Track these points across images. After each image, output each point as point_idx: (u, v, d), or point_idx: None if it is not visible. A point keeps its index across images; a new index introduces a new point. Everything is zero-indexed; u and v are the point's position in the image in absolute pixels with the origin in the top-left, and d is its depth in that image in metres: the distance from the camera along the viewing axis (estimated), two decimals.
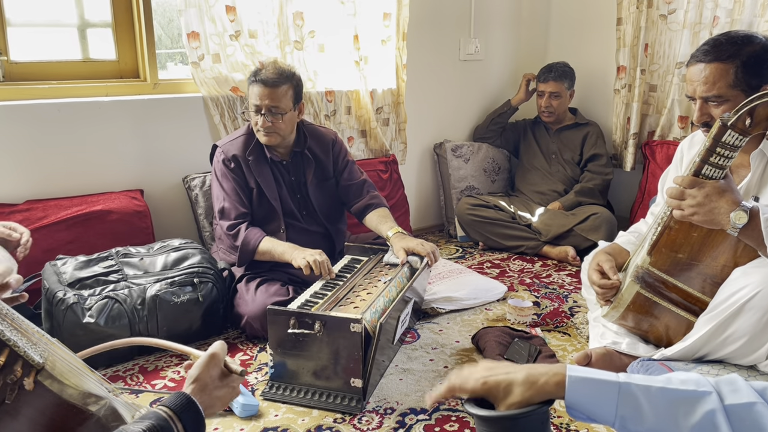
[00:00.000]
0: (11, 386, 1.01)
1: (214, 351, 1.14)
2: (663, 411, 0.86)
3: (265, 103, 2.28)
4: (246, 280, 2.33)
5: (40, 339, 1.11)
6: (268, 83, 2.27)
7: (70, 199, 2.47)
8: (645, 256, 1.68)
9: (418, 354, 2.15)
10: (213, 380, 1.12)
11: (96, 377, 1.19)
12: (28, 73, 2.47)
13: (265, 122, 2.29)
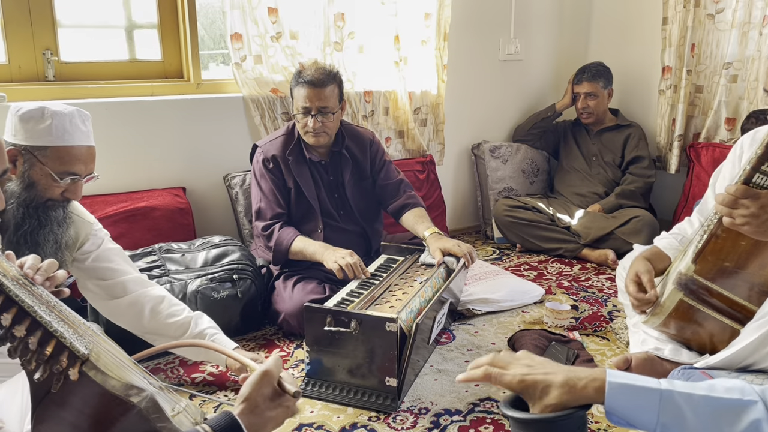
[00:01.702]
0: (57, 376, 1.04)
1: (267, 368, 1.06)
2: (706, 419, 0.84)
3: (315, 104, 2.30)
4: (283, 278, 2.36)
5: (85, 331, 1.14)
6: (316, 84, 2.29)
7: (116, 195, 2.54)
8: (689, 264, 1.64)
9: (454, 355, 2.14)
10: (264, 400, 1.04)
11: (138, 370, 1.22)
12: (78, 73, 2.55)
13: (315, 123, 2.31)
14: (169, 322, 1.85)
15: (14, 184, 1.59)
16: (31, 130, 1.59)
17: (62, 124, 1.60)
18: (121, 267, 1.86)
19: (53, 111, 1.60)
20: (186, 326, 1.86)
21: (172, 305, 1.89)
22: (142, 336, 1.87)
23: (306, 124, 2.33)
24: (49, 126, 1.59)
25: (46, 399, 1.06)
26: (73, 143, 1.62)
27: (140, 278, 1.90)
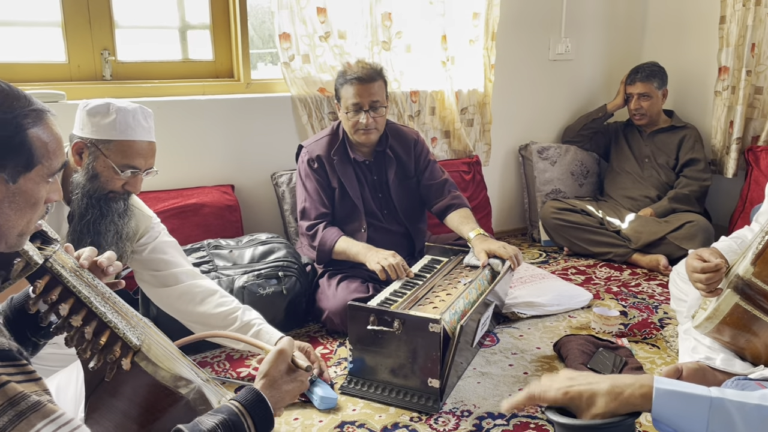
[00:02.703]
0: (110, 365, 1.08)
1: (281, 347, 1.19)
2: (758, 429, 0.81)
3: (366, 100, 2.32)
4: (328, 276, 2.38)
5: (138, 322, 1.18)
6: (365, 79, 2.32)
7: (167, 192, 2.61)
8: (748, 266, 1.57)
9: (497, 358, 2.12)
10: (281, 375, 1.17)
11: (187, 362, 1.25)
12: (133, 73, 2.63)
13: (369, 119, 2.34)
14: (217, 312, 1.89)
15: (79, 176, 1.68)
16: (97, 124, 1.67)
17: (126, 120, 1.68)
18: (175, 259, 1.92)
19: (118, 107, 1.68)
20: (233, 317, 1.90)
21: (222, 296, 1.93)
22: (188, 324, 1.92)
23: (358, 122, 2.35)
24: (114, 121, 1.66)
25: (99, 388, 1.10)
26: (135, 138, 1.69)
27: (192, 271, 1.95)
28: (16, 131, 0.93)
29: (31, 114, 0.96)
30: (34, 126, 0.96)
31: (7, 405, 0.83)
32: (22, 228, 0.98)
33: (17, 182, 0.95)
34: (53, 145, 0.99)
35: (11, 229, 0.97)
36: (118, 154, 1.67)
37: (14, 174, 0.94)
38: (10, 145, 0.92)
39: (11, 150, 0.93)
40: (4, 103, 0.93)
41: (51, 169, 0.99)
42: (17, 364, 0.87)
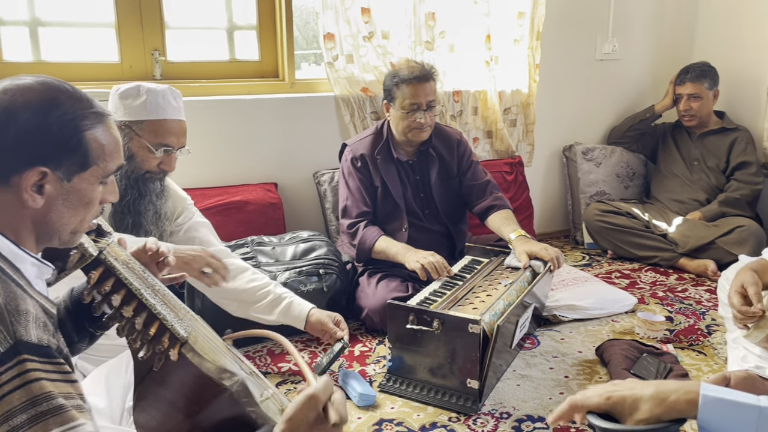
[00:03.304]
0: (159, 356, 1.11)
1: (313, 392, 1.03)
2: None
3: (424, 100, 2.35)
4: (368, 274, 2.39)
5: (185, 315, 1.21)
6: (423, 79, 2.35)
7: (213, 189, 2.67)
8: None
9: (538, 361, 2.10)
10: (307, 424, 1.02)
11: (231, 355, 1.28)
12: (182, 72, 2.70)
13: (426, 118, 2.37)
14: (249, 287, 1.94)
15: None
16: (129, 106, 1.75)
17: (156, 100, 1.75)
18: (208, 238, 1.99)
19: (148, 88, 1.76)
20: (265, 291, 1.94)
21: (253, 273, 1.99)
22: (220, 302, 1.98)
23: (414, 121, 2.36)
24: (145, 101, 1.74)
25: (147, 377, 1.14)
26: (165, 117, 1.77)
27: (225, 250, 2.01)
28: (73, 132, 0.96)
29: (91, 116, 0.99)
30: (92, 128, 0.98)
31: (29, 403, 0.83)
32: (75, 226, 1.02)
33: (71, 181, 0.98)
34: (110, 147, 1.02)
35: (65, 227, 1.00)
36: (151, 133, 1.75)
37: (69, 173, 0.97)
38: (67, 145, 0.96)
39: (67, 150, 0.96)
40: (65, 104, 0.96)
41: (107, 171, 1.02)
42: (54, 362, 0.88)
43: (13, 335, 0.85)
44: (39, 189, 0.95)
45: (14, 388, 0.83)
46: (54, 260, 1.07)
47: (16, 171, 0.93)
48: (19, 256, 0.96)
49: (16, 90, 0.94)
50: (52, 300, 1.02)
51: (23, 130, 0.92)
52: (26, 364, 0.84)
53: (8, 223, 0.95)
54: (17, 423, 0.82)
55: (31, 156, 0.93)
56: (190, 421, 1.16)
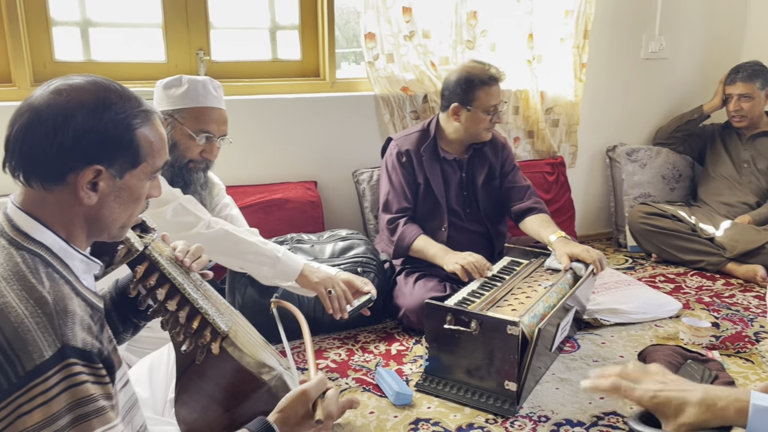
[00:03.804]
0: (201, 349, 1.13)
1: (305, 389, 1.13)
2: None
3: (499, 100, 2.41)
4: (405, 274, 2.39)
5: (225, 310, 1.23)
6: (498, 80, 2.41)
7: (254, 187, 2.71)
8: None
9: (578, 365, 2.06)
10: (296, 416, 1.12)
11: (270, 350, 1.30)
12: (226, 72, 2.74)
13: (499, 117, 2.43)
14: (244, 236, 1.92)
15: None
16: (172, 96, 1.82)
17: (196, 89, 1.82)
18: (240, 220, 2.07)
19: (189, 78, 1.84)
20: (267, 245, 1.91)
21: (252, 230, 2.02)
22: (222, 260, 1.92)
23: (491, 121, 2.41)
24: (186, 90, 1.81)
25: (189, 370, 1.16)
26: (206, 104, 1.83)
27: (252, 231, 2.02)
28: (125, 131, 0.99)
29: (141, 114, 1.01)
30: (142, 126, 1.01)
31: (75, 404, 0.86)
32: (124, 221, 1.05)
33: (123, 178, 1.01)
34: (158, 144, 1.05)
35: (115, 222, 1.03)
36: (192, 120, 1.81)
37: (121, 170, 1.00)
38: (119, 144, 0.98)
39: (120, 148, 0.99)
40: (117, 103, 0.99)
41: (154, 167, 1.05)
42: (94, 366, 0.91)
43: (61, 339, 0.87)
44: (93, 186, 0.98)
45: (61, 391, 0.85)
46: (101, 255, 1.10)
47: (73, 170, 0.96)
48: (68, 252, 0.99)
49: (70, 91, 0.96)
50: (98, 294, 1.05)
51: (80, 131, 0.95)
52: (72, 368, 0.87)
53: (61, 220, 0.98)
54: (63, 424, 0.85)
55: (87, 155, 0.96)
56: (228, 415, 1.18)
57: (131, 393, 1.09)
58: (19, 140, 0.95)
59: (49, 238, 0.97)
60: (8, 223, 0.97)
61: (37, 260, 0.94)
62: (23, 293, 0.88)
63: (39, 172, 0.96)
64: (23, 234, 0.96)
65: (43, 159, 0.95)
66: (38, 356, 0.85)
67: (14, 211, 0.98)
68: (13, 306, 0.87)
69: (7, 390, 0.84)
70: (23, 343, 0.85)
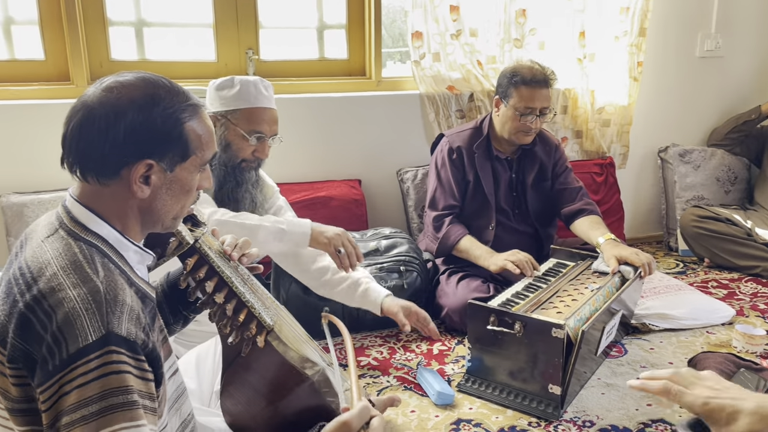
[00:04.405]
0: (246, 341, 1.15)
1: (347, 419, 1.04)
2: None
3: (539, 105, 2.32)
4: (448, 273, 2.38)
5: (271, 305, 1.25)
6: (543, 84, 2.32)
7: (299, 184, 2.74)
8: None
9: (624, 370, 2.02)
10: None
11: (313, 345, 1.31)
12: (274, 71, 2.78)
13: (537, 123, 2.34)
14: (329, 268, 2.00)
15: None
16: (224, 97, 1.85)
17: (248, 89, 1.84)
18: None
19: (241, 79, 1.86)
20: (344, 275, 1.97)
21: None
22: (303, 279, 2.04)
23: (525, 124, 2.33)
24: (238, 91, 1.84)
25: (235, 362, 1.18)
26: (258, 105, 1.85)
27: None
28: (175, 125, 1.01)
29: (189, 108, 1.04)
30: (190, 120, 1.04)
31: (107, 393, 0.87)
32: (176, 212, 1.08)
33: (174, 171, 1.03)
34: (206, 137, 1.07)
35: (167, 213, 1.06)
36: (245, 120, 1.83)
37: (172, 164, 1.03)
38: (169, 138, 1.01)
39: (170, 142, 1.01)
40: (166, 98, 1.01)
41: (203, 159, 1.08)
42: (137, 358, 0.92)
43: (106, 326, 0.90)
44: (146, 180, 1.01)
45: (98, 377, 0.87)
46: (154, 247, 1.13)
47: (126, 164, 0.99)
48: (123, 244, 1.03)
49: (120, 88, 0.99)
50: (151, 284, 1.08)
51: (131, 127, 0.97)
52: (113, 355, 0.89)
53: (117, 213, 1.02)
54: (92, 410, 0.86)
55: (139, 150, 0.99)
56: (272, 408, 1.20)
57: (180, 382, 1.12)
58: (74, 137, 0.99)
59: (105, 229, 1.01)
60: (67, 215, 1.01)
61: (93, 251, 0.97)
62: (79, 282, 0.92)
63: (94, 167, 0.99)
64: (81, 225, 0.99)
65: (97, 155, 0.98)
66: (83, 339, 0.87)
67: (72, 203, 1.02)
68: (68, 294, 0.90)
69: (52, 371, 0.87)
70: (72, 326, 0.88)
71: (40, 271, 0.93)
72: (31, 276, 0.93)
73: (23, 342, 0.89)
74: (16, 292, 0.92)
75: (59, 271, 0.92)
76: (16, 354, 0.89)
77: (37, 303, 0.90)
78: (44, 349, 0.87)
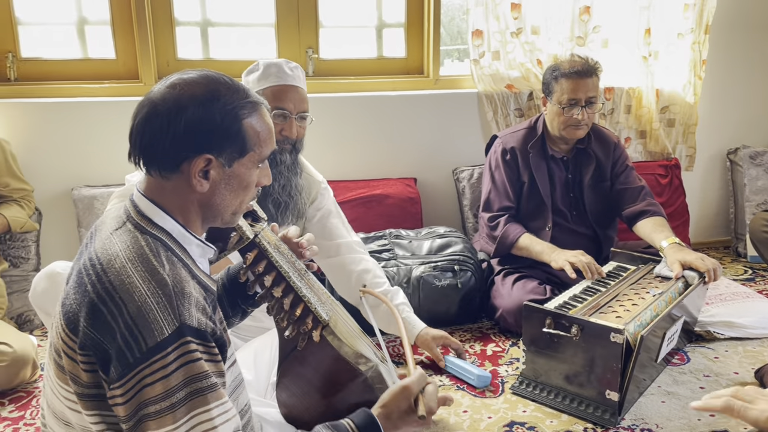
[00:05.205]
0: (302, 335, 1.17)
1: (407, 384, 1.16)
2: None
3: (584, 95, 2.28)
4: (504, 274, 2.35)
5: (327, 300, 1.27)
6: (584, 74, 2.27)
7: (355, 182, 2.76)
8: None
9: (686, 378, 1.95)
10: (399, 411, 1.14)
11: (367, 341, 1.32)
12: (333, 69, 2.81)
13: (584, 114, 2.29)
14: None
15: None
16: (251, 81, 1.86)
17: (270, 70, 1.85)
18: (339, 230, 2.03)
19: (265, 61, 1.88)
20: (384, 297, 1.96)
21: (376, 277, 2.00)
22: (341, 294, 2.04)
23: (571, 117, 2.29)
24: (262, 72, 1.85)
25: (291, 355, 1.21)
26: (281, 83, 1.84)
27: (352, 244, 2.03)
28: (233, 121, 1.04)
29: (248, 105, 1.06)
30: (249, 116, 1.06)
31: (191, 379, 0.93)
32: (235, 207, 1.11)
33: (232, 166, 1.06)
34: (265, 134, 1.09)
35: (227, 208, 1.09)
36: (271, 98, 1.81)
37: (230, 159, 1.05)
38: (228, 133, 1.04)
39: (228, 138, 1.04)
40: (226, 95, 1.04)
41: (262, 156, 1.10)
42: (207, 344, 0.97)
43: (179, 318, 0.94)
44: (205, 174, 1.04)
45: (178, 367, 0.92)
46: (216, 241, 1.17)
47: (186, 159, 1.02)
48: (186, 237, 1.06)
49: (183, 84, 1.03)
50: (212, 277, 1.12)
51: (191, 121, 1.01)
52: (188, 345, 0.93)
53: (179, 207, 1.05)
54: (180, 397, 0.91)
55: (198, 144, 1.02)
56: (326, 402, 1.22)
57: (237, 372, 1.15)
58: (139, 132, 1.03)
59: (169, 223, 1.04)
60: (134, 209, 1.05)
61: (158, 244, 1.01)
62: (146, 275, 0.95)
63: (156, 161, 1.03)
64: (147, 219, 1.03)
65: (159, 149, 1.02)
66: (159, 333, 0.92)
67: (139, 197, 1.06)
68: (137, 286, 0.94)
69: (132, 363, 0.91)
70: (146, 321, 0.92)
71: (110, 263, 0.97)
72: (101, 267, 0.97)
73: (94, 331, 0.93)
74: (87, 283, 0.97)
75: (128, 264, 0.96)
76: (87, 342, 0.94)
77: (108, 294, 0.94)
78: (120, 342, 0.92)
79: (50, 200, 2.51)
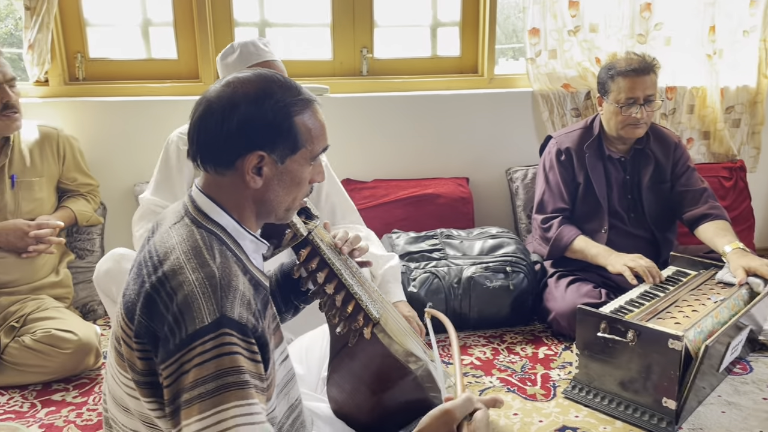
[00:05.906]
0: (353, 332, 1.19)
1: (449, 408, 1.01)
2: None
3: (642, 93, 2.22)
4: (557, 277, 2.31)
5: (377, 298, 1.28)
6: (642, 71, 2.22)
7: (407, 181, 2.77)
8: None
9: (749, 389, 1.87)
10: None
11: (417, 340, 1.33)
12: (387, 69, 2.82)
13: (643, 113, 2.23)
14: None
15: None
16: (228, 64, 1.89)
17: (248, 50, 1.88)
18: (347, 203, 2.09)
19: (239, 42, 1.90)
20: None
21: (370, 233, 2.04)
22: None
23: (630, 116, 2.23)
24: (239, 54, 1.88)
25: (342, 352, 1.22)
26: (261, 60, 1.87)
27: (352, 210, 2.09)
28: (285, 118, 1.05)
29: (299, 102, 1.08)
30: (301, 113, 1.07)
31: (222, 372, 0.92)
32: (288, 204, 1.12)
33: (284, 163, 1.08)
34: (317, 131, 1.10)
35: (280, 204, 1.11)
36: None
37: (282, 156, 1.07)
38: (279, 130, 1.05)
39: (280, 134, 1.05)
40: (277, 92, 1.06)
41: (314, 153, 1.11)
42: (246, 340, 0.97)
43: (220, 309, 0.95)
44: (258, 171, 1.06)
45: (213, 357, 0.93)
46: (270, 238, 1.19)
47: (240, 155, 1.04)
48: (241, 233, 1.09)
49: (237, 83, 1.05)
50: (265, 273, 1.14)
51: (243, 119, 1.03)
52: (226, 337, 0.94)
53: (234, 203, 1.08)
54: (209, 389, 0.91)
55: (251, 141, 1.04)
56: (375, 399, 1.22)
57: (290, 367, 1.17)
58: (196, 129, 1.06)
59: (224, 219, 1.07)
60: (192, 204, 1.08)
61: (213, 238, 1.04)
62: (197, 266, 0.98)
63: (212, 158, 1.06)
64: (203, 214, 1.07)
65: (214, 146, 1.04)
66: (199, 321, 0.94)
67: (197, 193, 1.09)
68: (187, 277, 0.97)
69: (173, 349, 0.94)
70: (190, 309, 0.94)
71: (166, 255, 1.00)
72: (158, 259, 1.01)
73: (148, 319, 0.97)
74: (144, 274, 1.01)
75: (181, 256, 0.99)
76: (142, 330, 0.97)
77: (161, 284, 0.97)
78: (166, 328, 0.95)
79: (114, 195, 2.61)
